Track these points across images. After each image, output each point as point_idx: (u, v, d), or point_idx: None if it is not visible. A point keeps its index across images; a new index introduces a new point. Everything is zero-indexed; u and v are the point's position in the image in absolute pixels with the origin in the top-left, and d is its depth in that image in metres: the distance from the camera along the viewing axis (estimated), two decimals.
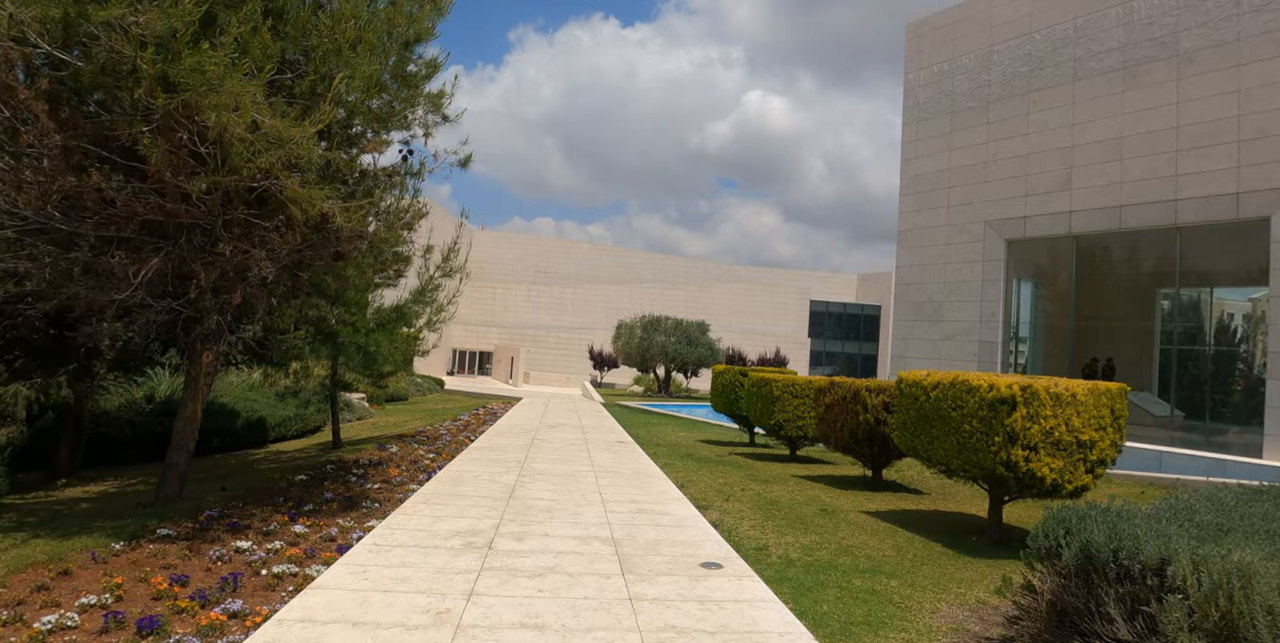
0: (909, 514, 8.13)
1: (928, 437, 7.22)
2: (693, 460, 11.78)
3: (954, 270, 18.19)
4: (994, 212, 17.44)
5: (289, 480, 8.77)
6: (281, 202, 6.14)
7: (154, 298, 6.44)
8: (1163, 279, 19.59)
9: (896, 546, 6.58)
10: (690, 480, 9.56)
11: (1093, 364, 19.56)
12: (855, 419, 9.33)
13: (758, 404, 12.55)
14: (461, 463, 10.01)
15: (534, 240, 64.37)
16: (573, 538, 5.98)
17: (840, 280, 68.00)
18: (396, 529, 5.98)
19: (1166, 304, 19.34)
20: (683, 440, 15.43)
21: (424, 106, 7.65)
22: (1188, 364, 18.44)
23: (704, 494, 8.59)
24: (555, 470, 9.70)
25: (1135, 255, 19.20)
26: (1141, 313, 19.75)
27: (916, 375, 7.51)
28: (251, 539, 6.07)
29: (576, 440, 13.68)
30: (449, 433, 14.55)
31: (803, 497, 8.74)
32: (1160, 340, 19.80)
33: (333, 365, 12.73)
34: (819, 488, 9.51)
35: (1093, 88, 15.87)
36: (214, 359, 7.61)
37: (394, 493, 8.22)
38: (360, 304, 11.66)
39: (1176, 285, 16.47)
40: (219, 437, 14.30)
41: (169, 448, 7.50)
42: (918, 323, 18.96)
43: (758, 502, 8.26)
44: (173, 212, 6.09)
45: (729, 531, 6.74)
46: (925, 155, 19.26)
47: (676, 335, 36.83)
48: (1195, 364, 17.57)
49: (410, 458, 10.94)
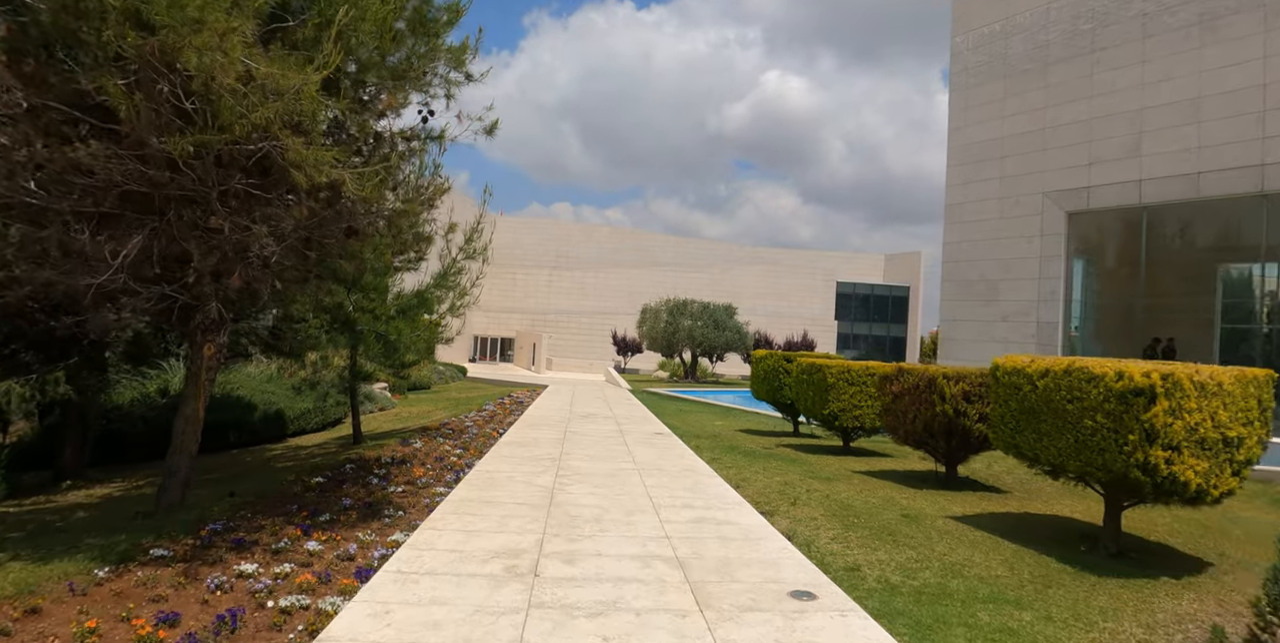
0: (1000, 520, 7.16)
1: (1034, 433, 6.22)
2: (740, 454, 10.85)
3: (1008, 246, 16.99)
4: (1053, 182, 16.20)
5: (304, 484, 7.96)
6: (284, 168, 5.23)
7: (140, 282, 5.58)
8: (1225, 253, 18.28)
9: (1006, 562, 5.62)
10: (745, 479, 8.63)
11: (1154, 345, 18.33)
12: (930, 410, 8.34)
13: (808, 392, 11.57)
14: (492, 461, 9.16)
15: (554, 225, 63.42)
16: (631, 558, 5.08)
17: (866, 261, 66.43)
18: (424, 550, 5.11)
19: (1236, 278, 18.05)
20: (722, 431, 14.51)
21: (444, 60, 6.69)
22: (1256, 344, 17.19)
23: (765, 496, 7.67)
24: (595, 469, 8.81)
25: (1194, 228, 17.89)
26: (1200, 290, 18.45)
27: (1018, 362, 6.50)
28: (258, 560, 5.24)
29: (611, 432, 12.81)
30: (475, 425, 13.74)
31: (876, 499, 7.78)
32: (1221, 319, 18.53)
33: (351, 356, 11.92)
34: (889, 487, 8.54)
35: (1165, 44, 14.54)
36: (217, 352, 6.77)
37: (419, 498, 7.38)
38: (379, 290, 10.81)
39: (1262, 258, 15.17)
40: (235, 431, 13.62)
41: (169, 451, 6.70)
42: (968, 303, 17.81)
43: (828, 505, 7.32)
44: (158, 181, 5.20)
45: (807, 544, 5.81)
46: (975, 123, 17.99)
47: (703, 319, 35.81)
48: (1263, 344, 16.33)
49: (435, 454, 10.12)
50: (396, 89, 6.35)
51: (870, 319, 62.10)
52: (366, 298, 10.72)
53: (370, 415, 17.91)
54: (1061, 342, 15.83)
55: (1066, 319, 15.90)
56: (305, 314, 10.60)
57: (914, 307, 61.82)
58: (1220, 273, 18.54)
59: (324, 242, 6.21)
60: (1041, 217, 16.32)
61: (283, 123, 4.99)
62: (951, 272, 18.26)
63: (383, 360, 11.98)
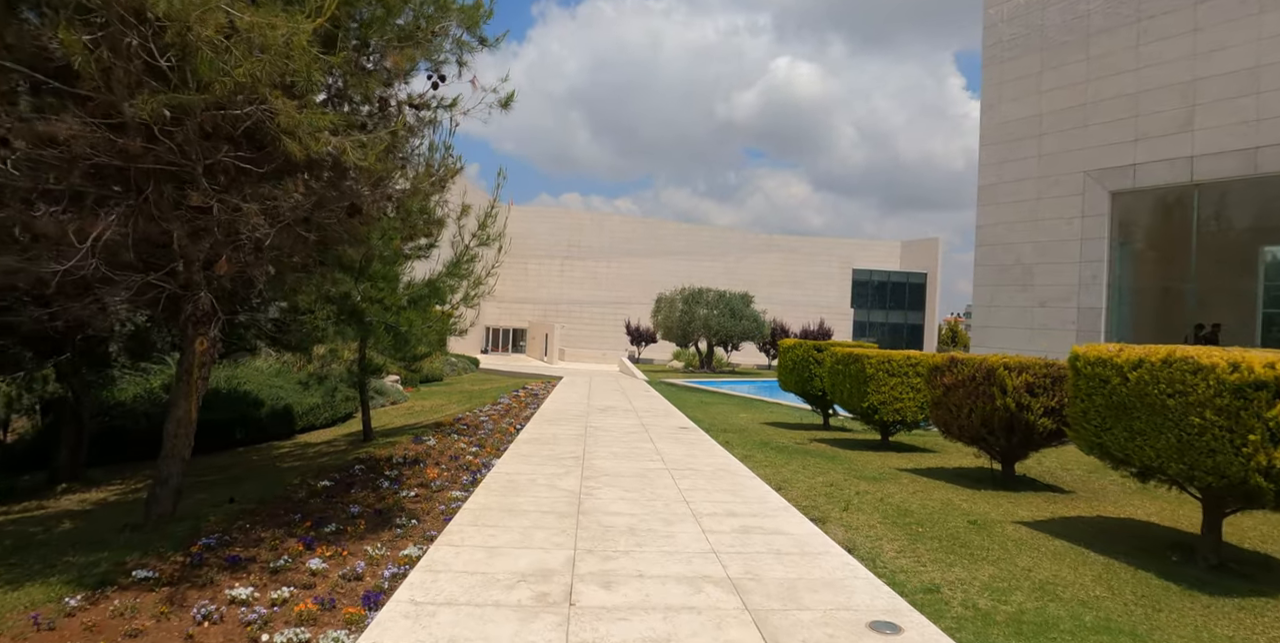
0: (1074, 526, 6.46)
1: (1124, 432, 5.51)
2: (773, 451, 10.19)
3: (1047, 228, 16.14)
4: (1096, 160, 15.31)
5: (310, 487, 7.36)
6: (276, 137, 4.57)
7: (118, 269, 4.95)
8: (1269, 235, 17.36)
9: (1100, 579, 4.93)
10: (786, 480, 7.96)
11: (1196, 331, 17.46)
12: (989, 404, 7.62)
13: (845, 384, 10.87)
14: (510, 461, 8.53)
15: (565, 214, 62.65)
16: (677, 580, 4.43)
17: (882, 248, 65.33)
18: (440, 572, 4.47)
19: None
20: (748, 424, 13.85)
21: (456, 20, 6.00)
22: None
23: (812, 500, 7.00)
24: (622, 470, 8.17)
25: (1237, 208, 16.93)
26: (1241, 273, 17.54)
27: (1102, 351, 5.78)
28: (254, 581, 4.62)
29: (634, 427, 12.17)
30: (491, 420, 13.14)
31: (933, 502, 7.09)
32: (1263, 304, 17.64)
33: (360, 348, 11.31)
34: (944, 488, 7.85)
35: (1220, 10, 13.61)
36: (210, 347, 6.15)
37: (434, 503, 6.76)
38: (389, 278, 10.16)
39: None
40: (242, 428, 13.09)
41: (160, 456, 6.11)
42: (1003, 288, 16.98)
43: (883, 510, 6.64)
44: (132, 152, 4.56)
45: (872, 559, 5.14)
46: (1010, 100, 17.08)
47: (719, 308, 35.05)
48: None
49: (450, 453, 9.52)
50: (403, 50, 5.67)
51: (887, 307, 61.09)
52: (375, 287, 10.09)
53: (381, 410, 17.36)
54: (1105, 328, 14.99)
55: (1110, 305, 15.05)
56: (311, 305, 9.98)
57: (931, 294, 60.77)
58: (1263, 256, 17.63)
59: (324, 223, 5.56)
60: (1083, 196, 15.44)
61: (272, 83, 4.33)
62: (985, 256, 17.41)
63: (393, 353, 11.36)
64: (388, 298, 10.18)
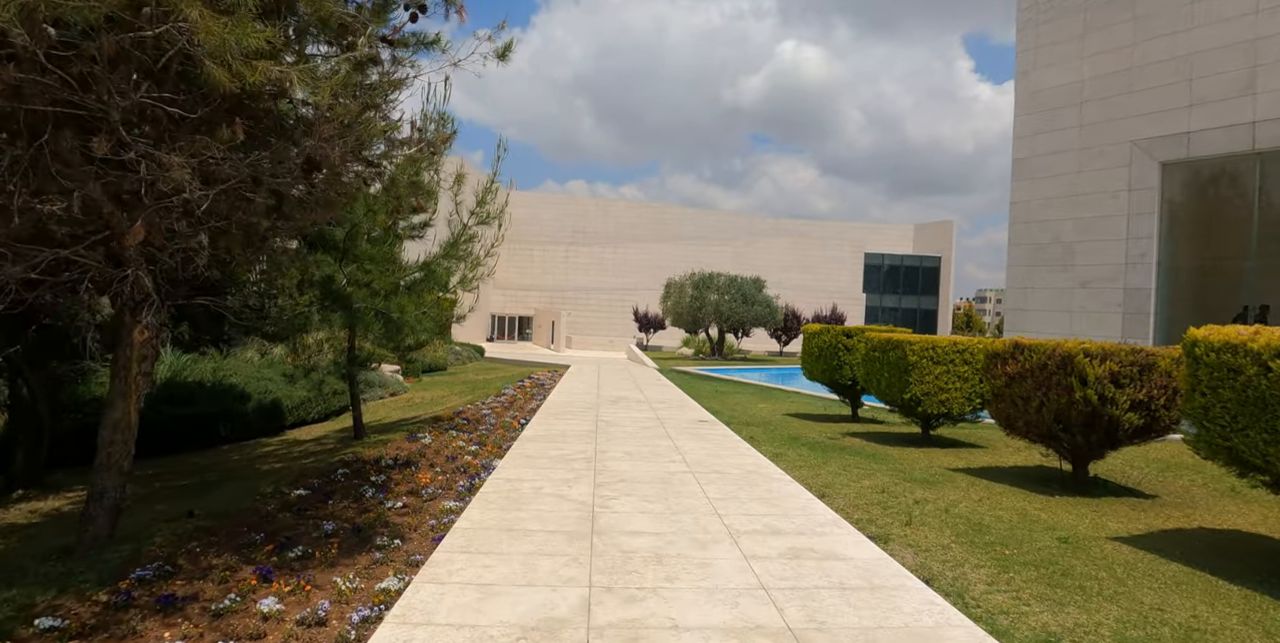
0: (1182, 542, 5.44)
1: (1264, 433, 4.48)
2: (804, 447, 9.19)
3: (1089, 203, 14.99)
4: (1144, 128, 14.14)
5: (282, 498, 6.39)
6: (200, 63, 3.54)
7: (16, 241, 3.95)
8: None
9: (1254, 622, 3.91)
10: (827, 484, 6.96)
11: (1244, 313, 16.33)
12: (1065, 397, 6.58)
13: (882, 373, 9.84)
14: (512, 464, 7.56)
15: (571, 200, 61.46)
16: (723, 634, 3.44)
17: (895, 232, 63.95)
18: (419, 626, 3.49)
19: None
20: (770, 416, 12.85)
21: None
22: None
23: (864, 510, 5.99)
24: (640, 473, 7.18)
25: None
26: None
27: (1230, 335, 4.73)
28: (187, 631, 3.66)
29: (648, 421, 11.17)
30: (493, 413, 12.18)
31: (1006, 512, 6.08)
32: None
33: (350, 338, 10.33)
34: (1010, 493, 6.84)
35: None
36: (152, 336, 5.15)
37: (423, 517, 5.79)
38: (377, 259, 9.15)
39: None
40: (226, 423, 12.12)
41: (94, 468, 5.12)
42: (1040, 269, 15.86)
43: (952, 524, 5.63)
44: (21, 90, 3.54)
45: (959, 594, 4.14)
46: (1048, 65, 15.87)
47: (731, 293, 33.96)
48: None
49: (447, 452, 8.55)
50: None
51: (899, 291, 59.84)
52: (362, 270, 9.08)
53: (379, 402, 16.42)
54: (1154, 310, 13.90)
55: (1160, 285, 13.93)
56: (291, 290, 8.98)
57: (945, 278, 59.49)
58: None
59: (280, 186, 4.53)
60: (1130, 168, 14.28)
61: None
62: (1020, 234, 16.28)
63: (385, 342, 10.37)
64: (376, 281, 9.18)
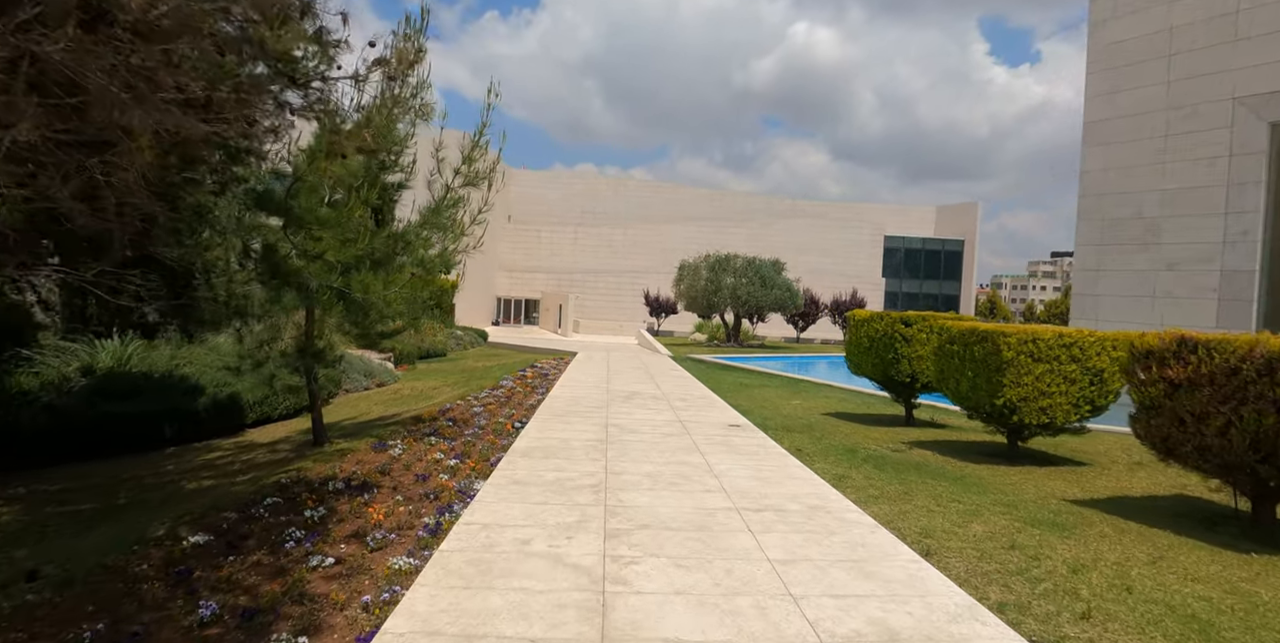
0: None
1: None
2: (869, 466, 7.30)
3: (1178, 172, 12.92)
4: (1249, 84, 12.03)
5: (170, 548, 4.56)
6: None
7: None
8: None
9: None
10: (925, 532, 5.06)
11: None
12: (1273, 417, 4.66)
13: (962, 371, 7.92)
14: (496, 495, 5.71)
15: (579, 179, 59.25)
16: None
17: (916, 214, 61.54)
18: None
19: None
20: (808, 416, 10.99)
21: None
22: None
23: (1001, 584, 4.10)
24: (668, 513, 5.31)
25: None
26: None
27: None
28: None
29: (670, 426, 9.30)
30: (485, 411, 10.35)
31: (1211, 588, 4.18)
32: None
33: (306, 323, 8.48)
34: (1180, 545, 4.93)
35: None
36: None
37: (359, 581, 3.97)
38: (330, 225, 7.25)
39: None
40: (171, 423, 10.33)
41: None
42: (1115, 248, 13.82)
43: (1152, 618, 3.74)
44: None
45: None
46: (1129, 14, 13.73)
47: (748, 276, 31.95)
48: None
49: (418, 469, 6.73)
50: None
51: (920, 276, 57.60)
52: (312, 237, 7.21)
53: (362, 394, 14.62)
54: (1258, 295, 11.90)
55: (1265, 268, 11.91)
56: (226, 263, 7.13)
57: (969, 262, 57.21)
58: None
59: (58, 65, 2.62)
60: (1231, 130, 12.20)
61: None
62: (1091, 208, 14.22)
63: (350, 328, 8.53)
64: (331, 253, 7.29)
